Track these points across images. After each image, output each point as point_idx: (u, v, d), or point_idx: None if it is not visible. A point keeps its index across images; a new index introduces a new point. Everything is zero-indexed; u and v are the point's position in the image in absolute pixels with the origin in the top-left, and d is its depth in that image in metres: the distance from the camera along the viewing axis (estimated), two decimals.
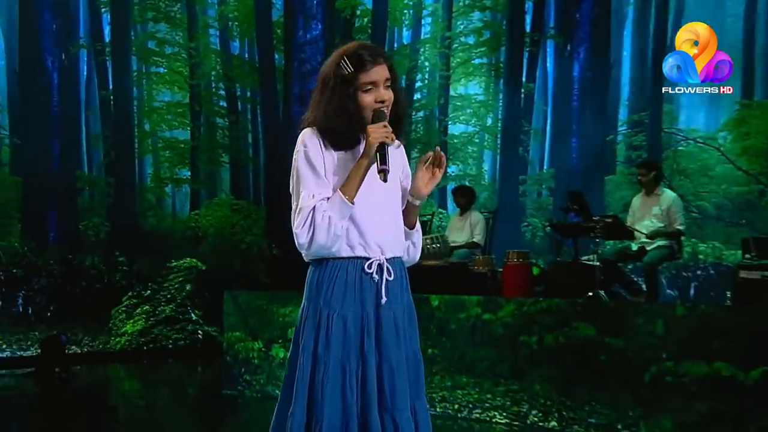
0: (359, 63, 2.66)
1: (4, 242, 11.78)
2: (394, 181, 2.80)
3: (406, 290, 2.83)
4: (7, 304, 11.66)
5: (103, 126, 12.92)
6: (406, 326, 2.78)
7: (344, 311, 2.69)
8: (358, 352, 2.67)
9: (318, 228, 2.64)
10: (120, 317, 11.89)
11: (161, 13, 13.26)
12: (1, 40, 12.32)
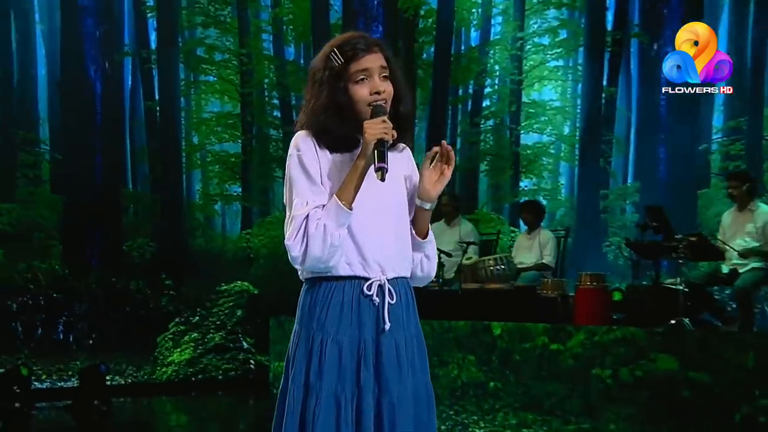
0: (351, 52, 2.59)
1: (44, 265, 12.01)
2: (397, 190, 2.72)
3: (413, 315, 2.73)
4: (48, 331, 11.89)
5: (149, 139, 13.15)
6: (414, 356, 2.69)
7: (340, 336, 2.61)
8: (354, 382, 2.59)
9: (312, 238, 2.55)
10: (166, 345, 11.98)
11: (210, 17, 13.47)
12: (42, 48, 12.65)
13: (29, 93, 12.61)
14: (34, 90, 12.64)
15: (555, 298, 7.03)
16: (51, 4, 12.75)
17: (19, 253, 11.99)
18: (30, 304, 11.82)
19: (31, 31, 12.75)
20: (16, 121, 12.47)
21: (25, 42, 12.64)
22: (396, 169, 2.69)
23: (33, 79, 12.64)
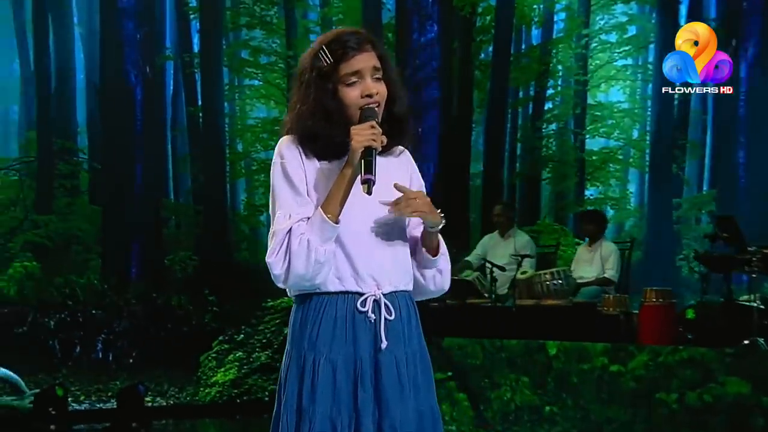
0: (340, 51, 2.54)
1: (83, 279, 12.17)
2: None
3: (415, 331, 2.68)
4: (86, 350, 11.99)
5: (191, 147, 13.32)
6: (418, 376, 2.64)
7: (333, 355, 2.58)
8: (350, 405, 2.55)
9: (295, 255, 2.52)
10: (210, 365, 12.06)
11: (256, 18, 13.61)
12: (81, 52, 12.85)
13: (67, 99, 12.88)
14: (73, 96, 12.92)
15: (617, 315, 6.92)
16: (90, 6, 13.04)
17: (57, 268, 12.15)
18: (68, 321, 11.90)
19: (70, 35, 13.01)
20: (54, 129, 12.69)
21: (63, 46, 12.91)
22: (393, 176, 2.63)
23: (71, 84, 12.90)
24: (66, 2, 12.96)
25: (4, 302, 11.83)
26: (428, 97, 12.56)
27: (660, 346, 6.16)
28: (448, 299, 7.34)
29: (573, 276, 7.43)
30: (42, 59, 12.77)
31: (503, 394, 6.48)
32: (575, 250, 11.15)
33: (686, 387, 5.67)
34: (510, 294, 7.29)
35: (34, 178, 12.56)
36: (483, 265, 7.68)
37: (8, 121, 12.95)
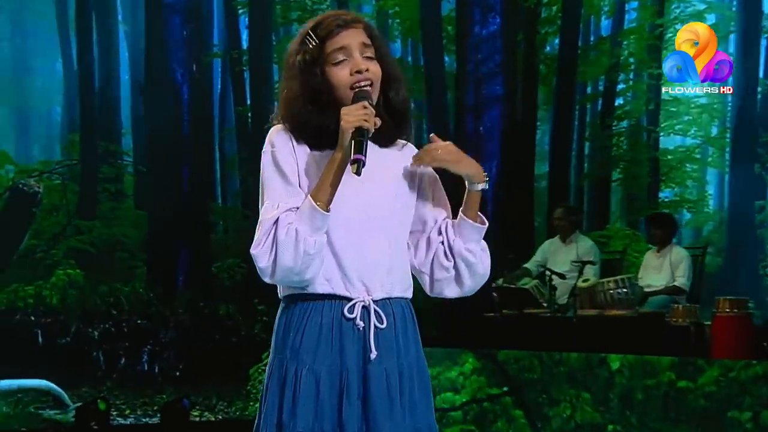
0: (326, 29, 2.50)
1: (127, 288, 12.33)
2: (392, 194, 2.61)
3: (413, 342, 2.63)
4: (131, 361, 12.16)
5: (240, 148, 13.50)
6: (415, 391, 2.58)
7: (317, 366, 2.52)
8: (334, 420, 2.50)
9: (282, 246, 2.46)
10: (260, 378, 12.15)
11: (307, 12, 13.69)
12: (125, 50, 13.01)
13: (112, 100, 13.11)
14: (117, 97, 13.14)
15: (687, 326, 6.83)
16: (135, 3, 13.23)
17: (101, 276, 12.34)
18: (112, 332, 12.04)
19: (114, 33, 13.23)
20: (97, 131, 12.91)
21: (107, 45, 13.13)
22: (394, 172, 2.63)
23: (116, 85, 13.13)
24: (111, 0, 13.16)
25: (47, 312, 11.96)
26: (490, 93, 12.48)
27: (733, 360, 6.07)
28: (504, 309, 7.31)
29: (639, 284, 7.35)
30: (85, 58, 12.95)
31: (562, 411, 6.43)
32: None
33: (761, 405, 5.58)
34: (570, 303, 7.22)
35: (77, 182, 12.78)
36: (543, 272, 7.62)
37: (51, 123, 13.18)
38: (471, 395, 6.85)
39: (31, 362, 11.27)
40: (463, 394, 6.89)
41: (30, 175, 12.67)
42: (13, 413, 10.81)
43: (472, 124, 12.89)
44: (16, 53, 13.25)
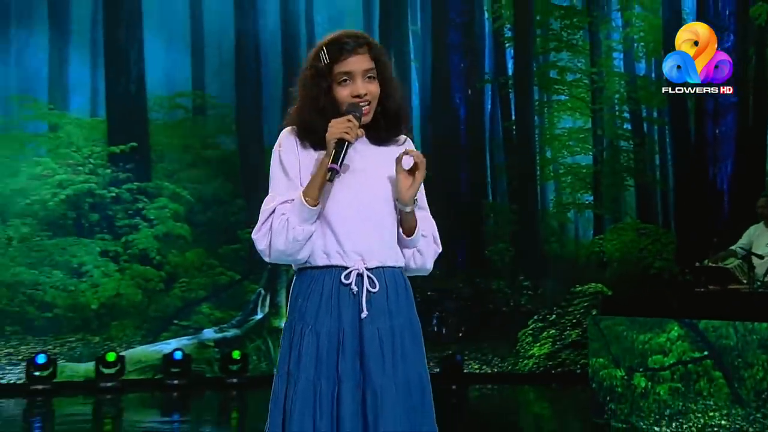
0: (336, 53, 2.49)
1: None
2: (385, 181, 2.57)
3: (405, 305, 2.58)
4: (424, 324, 12.35)
5: (507, 156, 13.42)
6: (407, 345, 2.54)
7: (318, 327, 2.50)
8: (333, 371, 2.47)
9: (275, 233, 2.48)
10: (527, 340, 12.21)
11: (563, 42, 13.50)
12: (416, 81, 13.39)
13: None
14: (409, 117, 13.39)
15: None
16: (425, 44, 13.42)
17: None
18: None
19: (407, 68, 13.52)
20: None
21: (402, 77, 13.39)
22: (385, 164, 2.57)
23: (408, 108, 13.37)
24: (405, 42, 13.53)
25: None
26: (725, 101, 12.04)
27: None
28: (710, 286, 7.00)
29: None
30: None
31: (755, 374, 6.17)
32: None
33: None
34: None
35: None
36: (747, 254, 7.27)
37: None
38: (677, 358, 6.69)
39: None
40: (671, 357, 6.73)
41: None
42: None
43: (711, 128, 12.43)
44: None
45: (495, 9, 13.37)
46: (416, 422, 2.52)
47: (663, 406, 6.73)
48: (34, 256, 11.70)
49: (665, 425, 6.69)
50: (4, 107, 12.22)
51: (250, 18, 12.86)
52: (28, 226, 11.81)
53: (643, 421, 6.88)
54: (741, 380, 6.18)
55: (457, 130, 12.95)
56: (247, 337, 11.78)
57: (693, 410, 6.48)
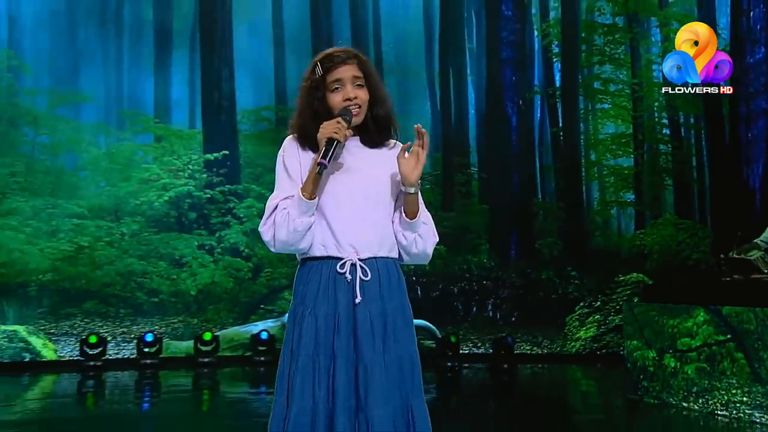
0: (328, 64, 2.50)
1: (475, 258, 12.62)
2: (376, 181, 2.56)
3: (396, 291, 2.54)
4: (480, 310, 12.39)
5: (554, 159, 13.43)
6: (399, 327, 2.51)
7: (316, 310, 2.47)
8: (329, 349, 2.45)
9: (278, 225, 2.47)
10: (573, 324, 12.11)
11: (606, 56, 13.45)
12: (472, 93, 13.42)
13: (463, 128, 13.36)
14: (466, 126, 13.35)
15: None
16: (480, 60, 13.43)
17: (457, 250, 12.57)
18: (466, 289, 12.32)
19: (464, 82, 13.55)
20: (452, 149, 13.23)
21: (459, 90, 13.49)
22: (385, 164, 2.57)
23: (465, 117, 13.37)
24: (463, 58, 13.57)
25: (422, 274, 12.29)
26: (757, 107, 11.82)
27: None
28: (735, 275, 6.91)
29: None
30: (446, 101, 13.51)
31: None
32: None
33: None
34: None
35: (440, 186, 13.15)
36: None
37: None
38: (703, 341, 6.58)
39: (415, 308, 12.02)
40: (697, 339, 6.63)
41: None
42: None
43: (744, 131, 12.17)
44: (401, 99, 13.79)
45: (543, 28, 13.41)
46: (406, 394, 2.50)
47: (690, 384, 6.68)
48: (142, 249, 11.98)
49: (692, 401, 6.63)
50: (118, 122, 12.67)
51: (324, 40, 12.99)
52: (137, 223, 12.16)
53: (673, 397, 6.81)
54: (760, 361, 6.09)
55: (509, 136, 12.90)
56: None
57: (717, 388, 6.42)
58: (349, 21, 13.29)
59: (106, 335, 10.99)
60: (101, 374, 9.51)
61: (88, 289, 11.64)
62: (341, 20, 13.21)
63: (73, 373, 9.61)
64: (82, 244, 11.83)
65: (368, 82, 2.54)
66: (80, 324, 11.41)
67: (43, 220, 11.79)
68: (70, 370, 9.81)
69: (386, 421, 2.39)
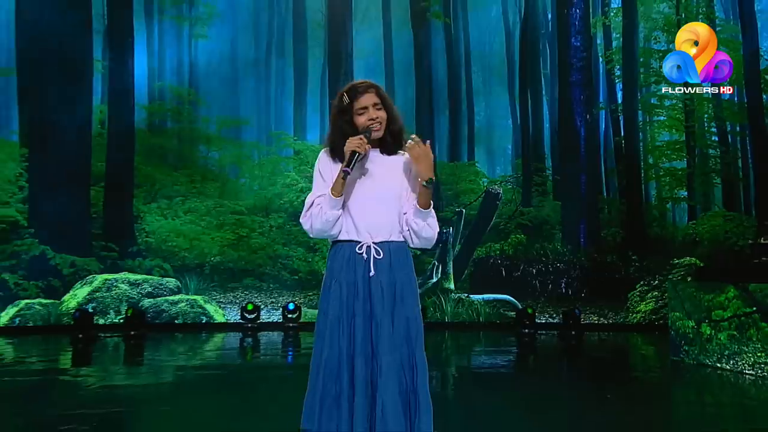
0: (353, 94, 2.57)
1: (550, 245, 12.51)
2: (391, 182, 2.62)
3: (404, 267, 2.59)
4: (555, 288, 12.26)
5: (617, 162, 13.10)
6: (406, 294, 2.55)
7: (341, 280, 2.54)
8: (350, 309, 2.51)
9: (314, 217, 2.55)
10: (634, 299, 11.91)
11: (662, 77, 12.92)
12: (547, 110, 13.28)
13: (539, 139, 13.21)
14: (541, 137, 13.19)
15: None
16: (553, 83, 13.28)
17: (535, 238, 12.54)
18: (542, 270, 12.27)
19: (540, 100, 13.43)
20: (531, 156, 13.12)
21: (536, 108, 13.39)
22: (397, 168, 2.63)
23: (541, 130, 13.19)
24: (539, 82, 13.44)
25: (506, 257, 12.36)
26: None
27: None
28: (763, 258, 6.75)
29: None
30: (524, 117, 13.42)
31: None
32: None
33: None
34: None
35: (520, 186, 13.06)
36: None
37: (505, 156, 13.66)
38: (733, 312, 6.50)
39: (500, 286, 11.96)
40: (728, 311, 6.56)
41: (495, 183, 13.02)
42: (491, 312, 11.42)
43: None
44: (488, 116, 13.77)
45: (607, 54, 13.15)
46: (411, 347, 2.51)
47: (723, 348, 6.62)
48: (285, 237, 12.24)
49: (725, 362, 6.58)
50: (267, 140, 13.07)
51: (425, 72, 13.14)
52: (281, 218, 12.44)
53: (708, 359, 6.77)
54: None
55: (578, 145, 12.72)
56: (425, 295, 11.72)
57: (745, 351, 6.36)
58: (445, 56, 13.36)
59: (260, 304, 11.19)
60: (256, 333, 9.78)
61: (246, 268, 11.93)
62: (438, 57, 13.27)
63: (236, 332, 10.01)
64: (241, 234, 12.13)
65: (385, 105, 2.60)
66: (241, 295, 11.66)
67: (213, 216, 12.18)
68: (233, 330, 10.23)
69: (393, 366, 2.43)
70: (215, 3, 12.99)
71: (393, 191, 2.60)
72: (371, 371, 2.44)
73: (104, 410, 4.71)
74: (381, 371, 2.42)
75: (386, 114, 2.60)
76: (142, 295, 10.78)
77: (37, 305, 10.48)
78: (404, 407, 2.42)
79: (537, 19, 13.44)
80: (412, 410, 2.44)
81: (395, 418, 2.37)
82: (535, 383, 6.24)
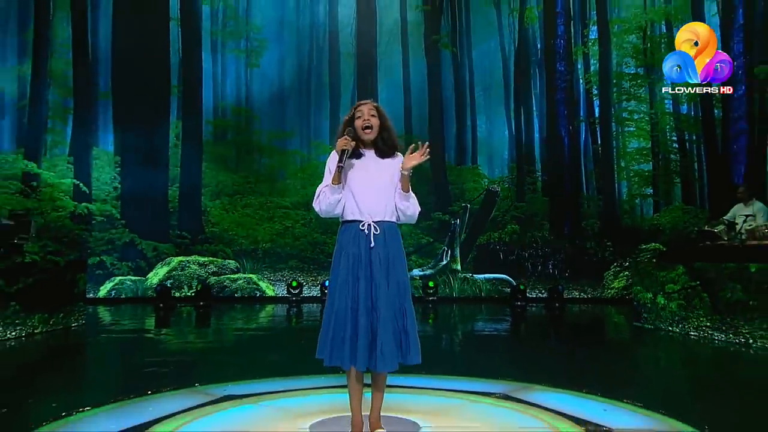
0: (356, 105, 2.69)
1: (539, 233, 12.41)
2: (386, 175, 2.66)
3: (395, 241, 2.64)
4: (543, 269, 12.22)
5: (595, 165, 12.96)
6: (396, 264, 2.61)
7: (348, 251, 2.59)
8: (355, 274, 2.56)
9: (321, 201, 2.61)
10: (609, 278, 11.89)
11: (631, 95, 13.02)
12: (537, 123, 13.10)
13: (531, 146, 13.05)
14: (533, 144, 13.05)
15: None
16: (541, 100, 13.09)
17: (527, 228, 12.44)
18: (533, 254, 12.23)
19: (531, 115, 13.23)
20: (523, 160, 13.00)
21: (528, 121, 13.24)
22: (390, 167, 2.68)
23: (532, 139, 13.08)
24: (530, 100, 13.24)
25: (504, 243, 12.29)
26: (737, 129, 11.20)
27: None
28: (706, 242, 6.81)
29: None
30: (519, 128, 13.24)
31: (725, 295, 6.03)
32: None
33: None
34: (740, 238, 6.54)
35: (515, 185, 12.89)
36: (730, 223, 6.87)
37: (502, 161, 13.48)
38: (681, 285, 6.58)
39: (498, 267, 11.91)
40: (678, 285, 6.63)
41: (494, 183, 12.87)
42: (491, 288, 11.36)
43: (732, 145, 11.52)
44: (488, 128, 13.46)
45: (586, 77, 13.03)
46: (401, 302, 2.60)
47: (674, 315, 6.67)
48: (322, 228, 12.27)
49: (675, 326, 6.62)
50: (308, 149, 13.10)
51: (436, 92, 13.05)
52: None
53: (663, 324, 6.81)
54: (718, 299, 6.10)
55: (563, 151, 12.73)
56: (437, 275, 11.70)
57: (691, 317, 6.41)
58: (452, 79, 13.34)
59: (303, 281, 11.31)
60: (299, 305, 10.05)
61: (291, 252, 12.04)
62: (447, 80, 13.24)
63: (283, 304, 10.23)
64: (287, 225, 12.27)
65: (379, 114, 2.69)
66: (287, 274, 11.77)
67: (264, 210, 12.34)
68: (281, 302, 10.48)
69: (389, 316, 2.54)
70: (265, 38, 13.18)
71: (386, 183, 2.67)
72: (372, 320, 2.52)
73: (179, 359, 4.97)
74: (379, 319, 2.51)
75: (379, 121, 2.68)
76: (208, 273, 11.13)
77: (128, 281, 10.98)
78: (397, 344, 2.53)
79: (528, 49, 13.38)
80: (404, 346, 2.56)
81: (391, 353, 2.50)
82: (525, 344, 6.33)
